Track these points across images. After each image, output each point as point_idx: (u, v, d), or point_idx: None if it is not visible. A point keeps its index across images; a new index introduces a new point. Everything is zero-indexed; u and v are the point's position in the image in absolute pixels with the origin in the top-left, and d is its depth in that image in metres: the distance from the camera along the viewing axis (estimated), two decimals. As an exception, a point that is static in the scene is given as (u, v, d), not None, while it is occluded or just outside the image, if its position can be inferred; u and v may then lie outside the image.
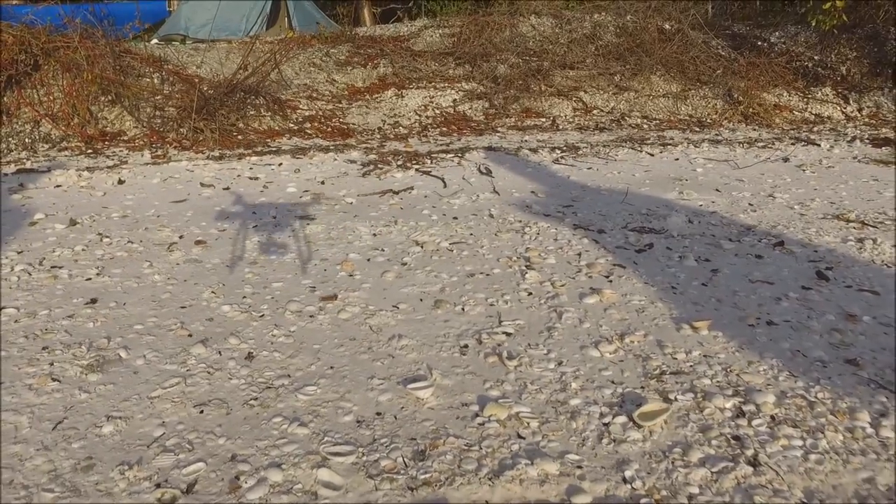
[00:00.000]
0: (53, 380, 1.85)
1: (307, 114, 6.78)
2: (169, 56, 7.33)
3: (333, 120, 6.75)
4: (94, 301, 2.44)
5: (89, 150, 5.79)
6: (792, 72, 7.94)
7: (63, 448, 1.55)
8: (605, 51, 8.16)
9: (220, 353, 2.01)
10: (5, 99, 6.31)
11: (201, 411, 1.69)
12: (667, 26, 8.53)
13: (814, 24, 7.67)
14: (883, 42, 8.12)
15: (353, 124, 6.74)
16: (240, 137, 6.10)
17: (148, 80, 6.71)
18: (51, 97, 6.33)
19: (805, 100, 7.71)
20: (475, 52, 8.02)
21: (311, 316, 2.27)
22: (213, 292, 2.50)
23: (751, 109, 7.32)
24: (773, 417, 1.64)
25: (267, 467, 1.45)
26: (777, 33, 8.73)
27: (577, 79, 7.79)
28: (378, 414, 1.67)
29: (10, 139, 6.03)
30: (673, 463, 1.47)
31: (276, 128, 6.45)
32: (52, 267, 2.83)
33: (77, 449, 1.55)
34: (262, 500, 1.35)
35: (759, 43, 8.60)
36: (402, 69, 7.86)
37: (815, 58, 8.27)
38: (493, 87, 7.52)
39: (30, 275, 2.73)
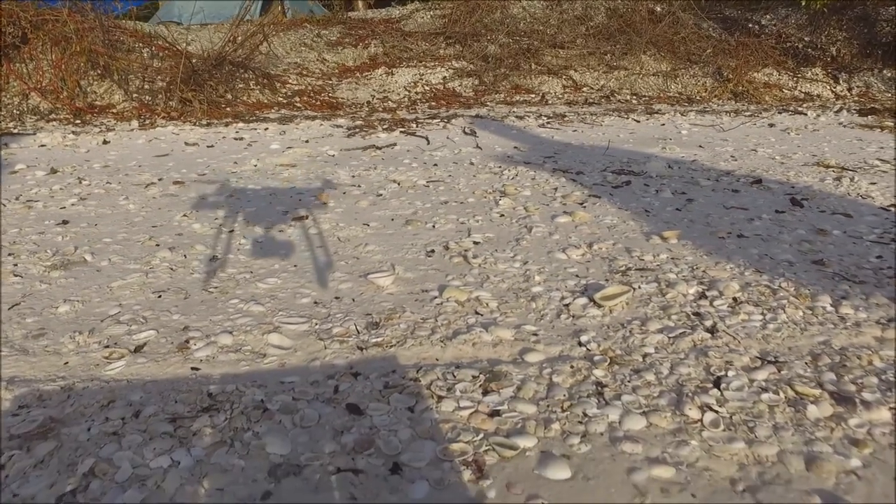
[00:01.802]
0: (15, 275, 1.84)
1: (296, 88, 6.78)
2: (160, 32, 7.33)
3: (322, 94, 6.75)
4: (65, 222, 2.43)
5: (77, 122, 5.80)
6: (782, 52, 7.96)
7: (16, 322, 1.53)
8: (595, 31, 8.18)
9: (185, 256, 2.00)
10: (-6, 72, 6.32)
11: (159, 296, 1.68)
12: (657, 9, 8.56)
13: (803, 3, 7.70)
14: (873, 23, 8.15)
15: (342, 99, 6.74)
16: (228, 109, 6.11)
17: (137, 54, 6.71)
18: (40, 71, 6.33)
19: (795, 79, 7.72)
20: (466, 33, 8.04)
21: (280, 231, 2.26)
22: (184, 216, 2.49)
23: (740, 87, 7.34)
24: (735, 299, 1.63)
25: (218, 334, 1.44)
26: (768, 16, 8.76)
27: (568, 58, 7.81)
28: (336, 298, 1.66)
29: (-3, 111, 6.03)
30: (630, 331, 1.45)
31: (265, 101, 6.45)
32: (27, 201, 2.82)
33: (30, 323, 1.53)
34: (209, 357, 1.34)
35: (750, 25, 8.63)
36: (392, 49, 7.88)
37: (806, 39, 8.30)
38: (483, 65, 7.53)
39: (4, 206, 2.72)
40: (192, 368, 1.30)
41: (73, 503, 0.89)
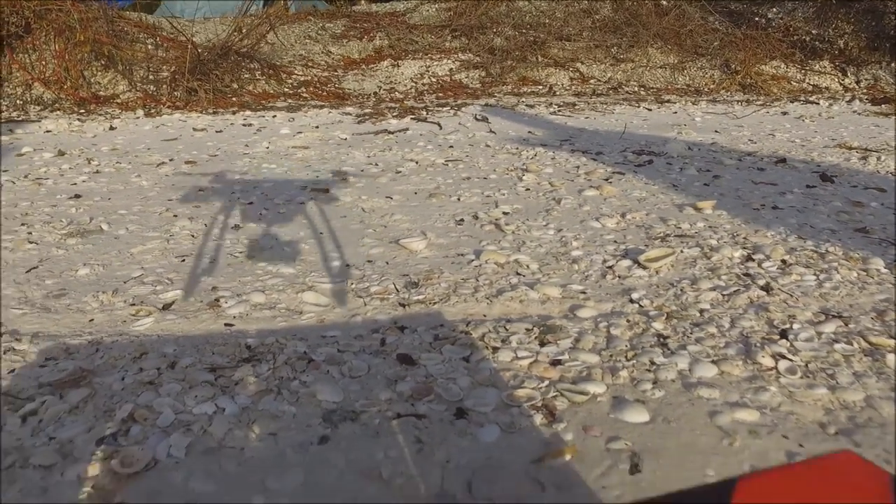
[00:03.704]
0: (30, 242, 1.77)
1: (302, 79, 6.72)
2: (164, 24, 7.26)
3: (329, 85, 6.69)
4: (77, 196, 2.36)
5: (82, 111, 5.72)
6: (789, 45, 7.92)
7: (35, 284, 1.46)
8: (601, 24, 8.13)
9: (205, 224, 1.93)
10: (-4, 62, 6.24)
11: (183, 260, 1.61)
12: (663, 2, 8.52)
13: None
14: (881, 16, 8.11)
15: (349, 89, 6.68)
16: (234, 99, 6.03)
17: (141, 45, 6.65)
18: (43, 62, 6.26)
19: (803, 72, 7.68)
20: (471, 25, 7.99)
21: (301, 203, 2.20)
22: (200, 191, 2.42)
23: (749, 79, 7.29)
24: (783, 262, 1.57)
25: (249, 293, 1.37)
26: (774, 9, 8.72)
27: (574, 51, 7.76)
28: (369, 261, 1.60)
29: (0, 101, 5.96)
30: (682, 290, 1.39)
31: (271, 91, 6.38)
32: (36, 179, 2.75)
33: (50, 284, 1.46)
34: (243, 314, 1.27)
35: (756, 19, 8.59)
36: (398, 41, 7.82)
37: (813, 32, 8.26)
38: (489, 57, 7.48)
39: (14, 183, 2.64)
40: (226, 325, 1.23)
41: (114, 446, 0.82)
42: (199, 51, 6.17)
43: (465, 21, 8.00)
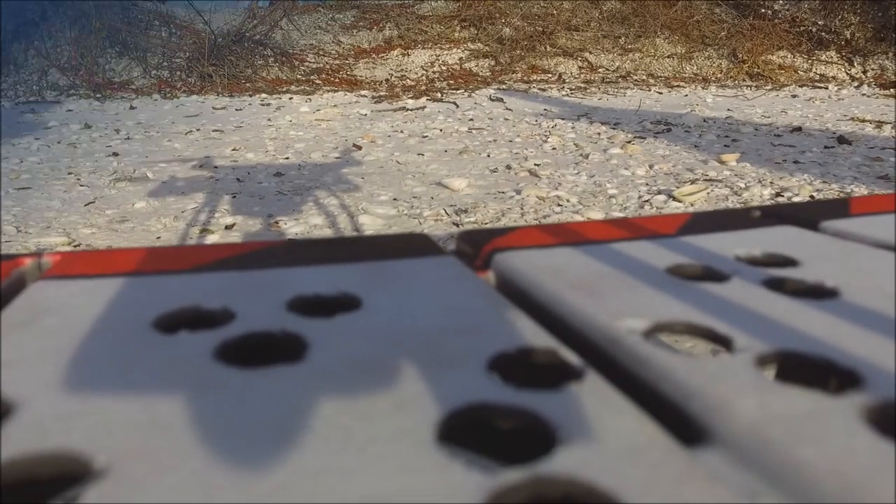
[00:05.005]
0: (82, 185, 1.83)
1: (314, 66, 6.79)
2: (177, 13, 7.34)
3: (341, 72, 6.76)
4: (115, 154, 2.43)
5: (97, 96, 5.79)
6: (795, 36, 8.00)
7: (96, 214, 1.53)
8: (608, 15, 8.21)
9: (248, 173, 2.00)
10: (12, 48, 6.32)
11: (234, 196, 1.67)
12: (670, -6, 8.60)
13: (817, -13, 7.72)
14: (887, 7, 8.18)
15: (361, 77, 6.76)
16: (248, 84, 6.11)
17: (155, 32, 6.72)
18: (58, 50, 6.34)
19: (810, 61, 7.75)
20: (480, 16, 8.07)
21: (337, 158, 2.26)
22: (234, 150, 2.49)
23: (756, 68, 7.36)
24: (812, 197, 1.63)
25: (306, 217, 1.44)
26: (780, 1, 8.80)
27: (582, 41, 7.84)
28: (415, 197, 1.66)
29: (17, 87, 6.03)
30: (717, 217, 1.46)
31: (284, 77, 6.46)
32: (70, 143, 2.82)
33: (110, 213, 1.53)
34: (304, 232, 1.34)
35: (763, 10, 8.67)
36: (407, 31, 7.89)
37: (819, 23, 8.33)
38: (498, 47, 7.55)
39: (49, 147, 2.71)
40: (290, 239, 1.30)
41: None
42: (215, 35, 6.25)
43: (473, 12, 8.08)
